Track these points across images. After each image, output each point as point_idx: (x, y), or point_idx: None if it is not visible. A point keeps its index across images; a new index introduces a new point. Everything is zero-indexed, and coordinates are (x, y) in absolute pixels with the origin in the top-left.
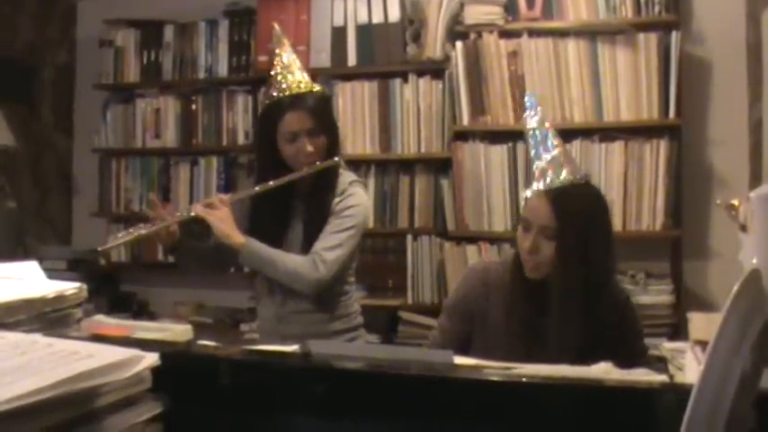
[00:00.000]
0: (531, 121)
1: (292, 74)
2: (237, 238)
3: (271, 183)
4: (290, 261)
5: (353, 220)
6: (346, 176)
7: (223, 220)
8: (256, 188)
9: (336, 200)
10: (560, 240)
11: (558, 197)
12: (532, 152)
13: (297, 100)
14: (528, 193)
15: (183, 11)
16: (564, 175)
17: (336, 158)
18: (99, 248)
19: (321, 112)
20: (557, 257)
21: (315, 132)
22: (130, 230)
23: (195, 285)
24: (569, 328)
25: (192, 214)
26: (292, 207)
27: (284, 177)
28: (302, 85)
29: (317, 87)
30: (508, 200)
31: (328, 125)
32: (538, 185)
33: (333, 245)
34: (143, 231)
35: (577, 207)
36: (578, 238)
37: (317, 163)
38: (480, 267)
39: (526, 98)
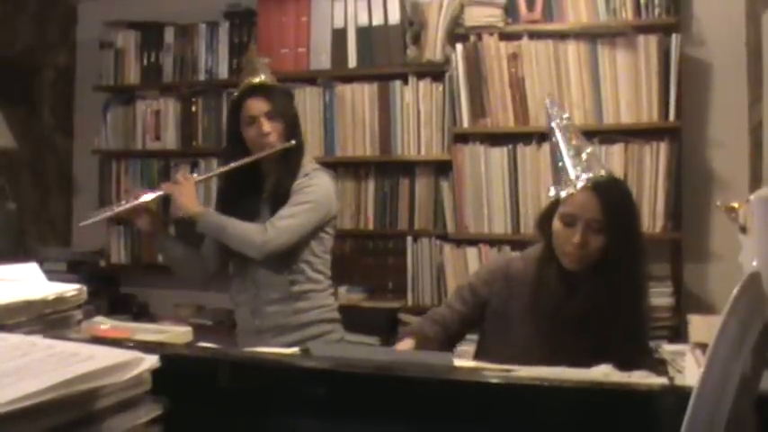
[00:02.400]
0: (562, 121)
1: (258, 76)
2: (197, 208)
3: (232, 164)
4: (240, 226)
5: (310, 196)
6: (311, 165)
7: (184, 194)
8: (220, 168)
9: (298, 182)
10: (610, 232)
11: (606, 191)
12: (566, 149)
13: (256, 88)
14: (560, 191)
15: (183, 12)
16: (603, 171)
17: (293, 141)
18: (80, 224)
19: (278, 99)
20: (606, 249)
21: (271, 116)
22: (107, 207)
23: (195, 287)
24: (599, 318)
25: (159, 192)
26: (260, 198)
27: (244, 159)
28: (266, 80)
29: (278, 84)
30: (508, 202)
31: (285, 111)
32: (582, 181)
33: (286, 215)
34: (120, 208)
35: (622, 200)
36: (625, 229)
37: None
38: (502, 262)
39: (547, 101)
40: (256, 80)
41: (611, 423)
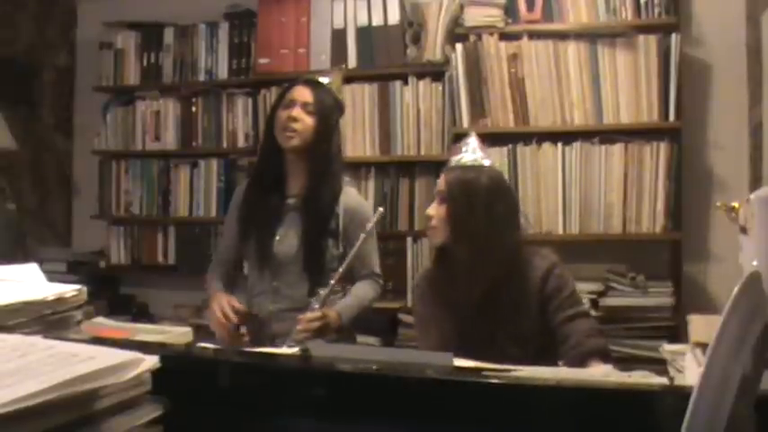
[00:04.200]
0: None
1: (323, 78)
2: (337, 323)
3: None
4: (367, 296)
5: (374, 230)
6: (345, 179)
7: (330, 329)
8: (327, 290)
9: (348, 204)
10: (448, 200)
11: (451, 170)
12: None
13: (310, 80)
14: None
15: (183, 13)
16: (462, 160)
17: (381, 210)
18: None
19: (324, 100)
20: (446, 216)
21: (309, 109)
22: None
23: (195, 288)
24: (471, 283)
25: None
26: (284, 201)
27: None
28: (325, 82)
29: (336, 94)
30: None
31: (324, 114)
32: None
33: (376, 261)
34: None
35: (462, 177)
36: (463, 200)
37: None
38: (419, 277)
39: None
40: (318, 77)
41: (610, 423)
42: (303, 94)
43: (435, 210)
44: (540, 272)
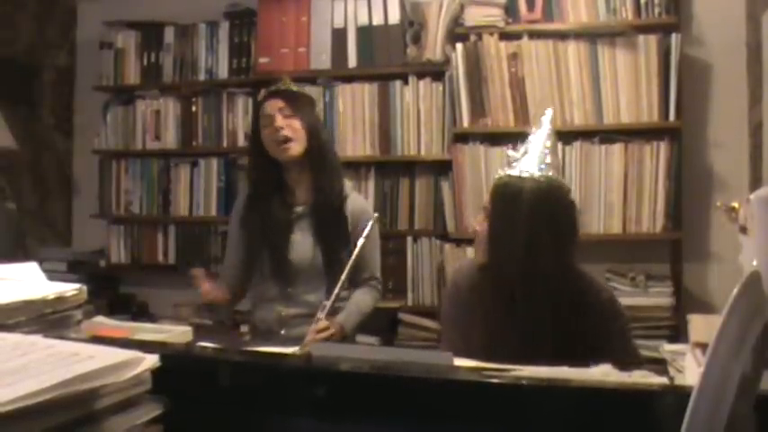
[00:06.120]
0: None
1: (278, 86)
2: (341, 334)
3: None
4: (368, 305)
5: (377, 234)
6: (347, 181)
7: (335, 340)
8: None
9: (355, 208)
10: (490, 219)
11: (501, 182)
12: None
13: (276, 91)
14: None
15: (183, 12)
16: (522, 167)
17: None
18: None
19: (296, 99)
20: (488, 236)
21: (287, 114)
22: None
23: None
24: (521, 313)
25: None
26: (291, 210)
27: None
28: (283, 86)
29: (299, 89)
30: None
31: (303, 112)
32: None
33: (377, 265)
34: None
35: (504, 192)
36: (504, 220)
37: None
38: (452, 276)
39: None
40: (273, 87)
41: (611, 423)
42: (274, 103)
43: (480, 226)
44: (599, 307)
